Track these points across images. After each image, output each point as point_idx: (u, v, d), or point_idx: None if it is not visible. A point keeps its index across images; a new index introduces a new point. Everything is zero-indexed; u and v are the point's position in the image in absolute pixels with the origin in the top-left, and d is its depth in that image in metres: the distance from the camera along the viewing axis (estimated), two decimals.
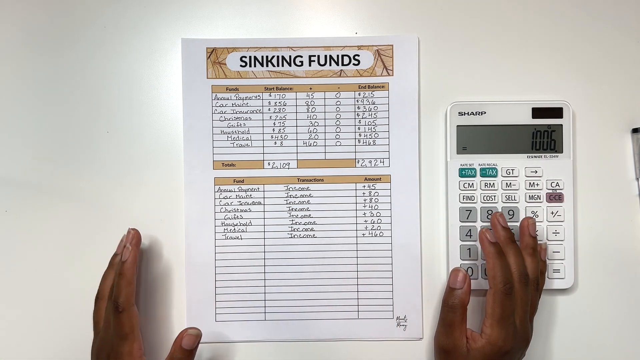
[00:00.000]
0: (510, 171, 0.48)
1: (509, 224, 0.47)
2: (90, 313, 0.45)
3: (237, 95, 0.49)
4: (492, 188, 0.48)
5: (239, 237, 0.49)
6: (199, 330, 0.43)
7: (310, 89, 0.49)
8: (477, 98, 0.49)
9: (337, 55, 0.49)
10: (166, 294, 0.48)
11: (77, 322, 0.48)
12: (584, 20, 0.49)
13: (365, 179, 0.49)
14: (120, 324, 0.42)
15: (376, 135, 0.49)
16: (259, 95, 0.49)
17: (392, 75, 0.49)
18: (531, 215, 0.48)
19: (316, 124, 0.49)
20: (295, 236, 0.49)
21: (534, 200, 0.48)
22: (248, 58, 0.49)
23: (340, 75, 0.49)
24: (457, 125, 0.48)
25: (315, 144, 0.49)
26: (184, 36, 0.49)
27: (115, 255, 0.46)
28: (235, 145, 0.49)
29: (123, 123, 0.49)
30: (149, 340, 0.48)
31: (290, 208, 0.49)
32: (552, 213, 0.48)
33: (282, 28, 0.49)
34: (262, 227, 0.49)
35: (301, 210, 0.49)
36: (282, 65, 0.49)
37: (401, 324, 0.48)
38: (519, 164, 0.48)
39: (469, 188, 0.48)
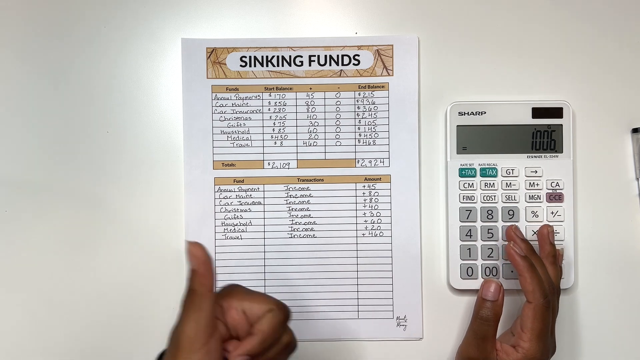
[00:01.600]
0: (510, 171, 0.48)
1: (509, 223, 0.47)
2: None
3: (237, 95, 0.49)
4: (492, 188, 0.48)
5: (239, 237, 0.49)
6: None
7: (310, 89, 0.49)
8: (477, 98, 0.49)
9: (337, 55, 0.49)
10: (166, 294, 0.48)
11: (77, 321, 0.48)
12: (584, 20, 0.49)
13: (365, 179, 0.49)
14: None
15: (376, 135, 0.49)
16: (259, 95, 0.49)
17: (392, 75, 0.49)
18: (531, 215, 0.48)
19: (316, 124, 0.49)
20: (295, 236, 0.49)
21: (534, 200, 0.48)
22: (248, 58, 0.49)
23: (340, 75, 0.49)
24: (457, 125, 0.48)
25: (315, 144, 0.49)
26: (184, 36, 0.49)
27: None
28: (235, 145, 0.49)
29: (123, 123, 0.49)
30: (149, 340, 0.48)
31: (290, 208, 0.49)
32: (552, 213, 0.48)
33: (282, 28, 0.49)
34: (262, 227, 0.49)
35: (301, 210, 0.49)
36: (282, 65, 0.49)
37: (401, 324, 0.48)
38: (519, 164, 0.48)
39: (469, 188, 0.48)
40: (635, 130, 0.48)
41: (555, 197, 0.48)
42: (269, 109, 0.49)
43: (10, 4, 0.49)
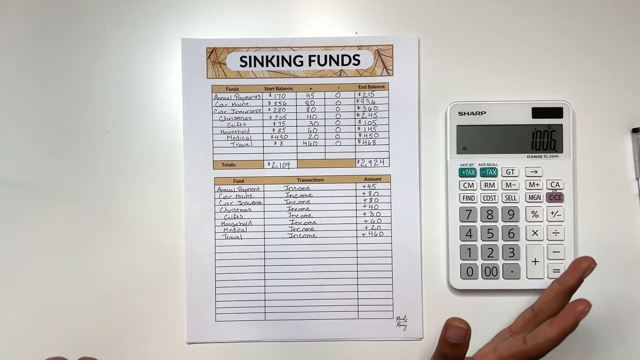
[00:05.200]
0: (510, 171, 0.48)
1: (509, 223, 0.47)
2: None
3: (237, 95, 0.49)
4: (492, 188, 0.48)
5: (239, 237, 0.49)
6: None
7: (310, 88, 0.49)
8: (477, 98, 0.49)
9: (337, 55, 0.49)
10: (166, 294, 0.48)
11: (77, 322, 0.48)
12: (583, 20, 0.49)
13: (365, 179, 0.49)
14: None
15: (376, 135, 0.49)
16: (259, 95, 0.49)
17: (392, 75, 0.49)
18: (531, 215, 0.48)
19: (316, 124, 0.49)
20: (295, 236, 0.49)
21: (534, 200, 0.48)
22: (248, 58, 0.49)
23: (340, 75, 0.49)
24: (457, 125, 0.48)
25: (315, 144, 0.49)
26: (184, 36, 0.49)
27: None
28: (235, 145, 0.49)
29: (123, 123, 0.49)
30: (149, 341, 0.48)
31: (290, 208, 0.49)
32: (552, 213, 0.48)
33: (282, 28, 0.49)
34: (262, 227, 0.49)
35: (301, 210, 0.49)
36: (282, 65, 0.49)
37: (401, 324, 0.48)
38: (519, 164, 0.48)
39: (469, 188, 0.48)
40: (635, 130, 0.48)
41: (555, 197, 0.48)
42: (269, 109, 0.49)
43: (10, 4, 0.49)
